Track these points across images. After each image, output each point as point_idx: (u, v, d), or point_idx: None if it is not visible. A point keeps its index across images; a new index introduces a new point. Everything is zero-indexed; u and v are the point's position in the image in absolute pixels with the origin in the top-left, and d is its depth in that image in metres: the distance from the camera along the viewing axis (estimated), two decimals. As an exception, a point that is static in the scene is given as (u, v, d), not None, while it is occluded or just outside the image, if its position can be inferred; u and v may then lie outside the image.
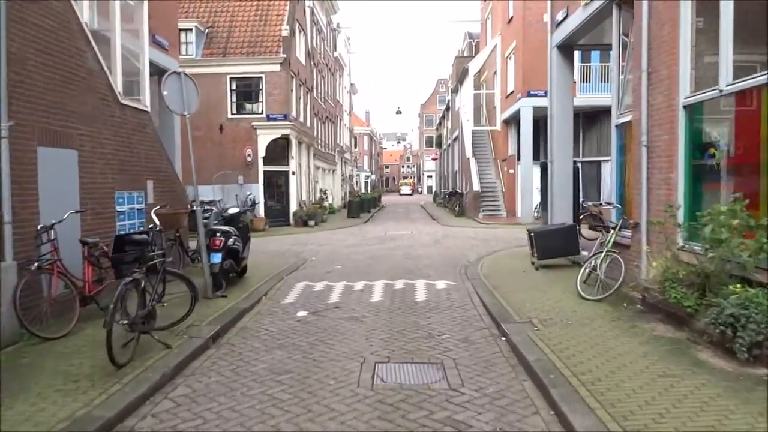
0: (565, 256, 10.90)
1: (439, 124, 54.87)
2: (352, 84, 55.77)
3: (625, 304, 7.32)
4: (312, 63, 30.30)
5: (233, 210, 10.56)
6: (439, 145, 53.78)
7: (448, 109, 43.73)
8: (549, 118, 13.30)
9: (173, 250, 10.36)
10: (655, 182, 7.51)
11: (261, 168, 23.88)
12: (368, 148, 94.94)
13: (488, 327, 7.16)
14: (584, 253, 10.87)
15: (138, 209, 9.34)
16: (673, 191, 7.13)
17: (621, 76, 9.41)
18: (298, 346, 6.46)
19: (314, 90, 31.62)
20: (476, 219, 26.26)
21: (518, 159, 26.60)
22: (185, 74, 8.56)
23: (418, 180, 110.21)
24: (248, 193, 16.96)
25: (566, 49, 12.73)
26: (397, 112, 42.04)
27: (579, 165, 13.78)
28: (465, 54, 39.76)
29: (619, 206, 8.50)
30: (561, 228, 10.96)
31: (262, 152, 23.79)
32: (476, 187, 27.21)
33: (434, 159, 60.82)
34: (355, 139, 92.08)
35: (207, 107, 23.75)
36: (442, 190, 46.71)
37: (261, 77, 23.85)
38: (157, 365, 5.53)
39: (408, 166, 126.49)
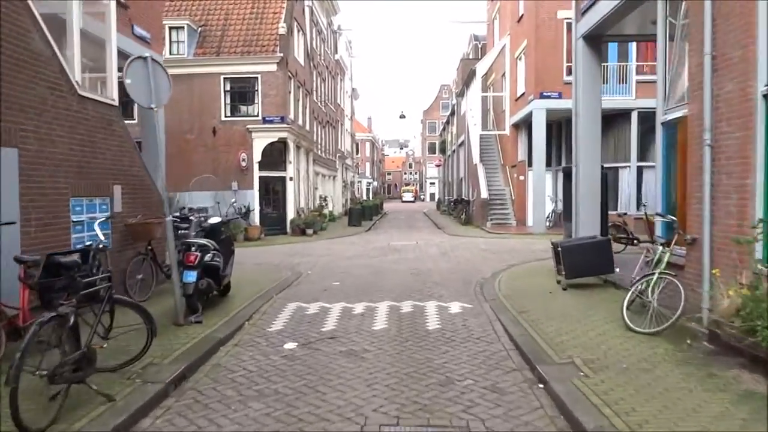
0: (597, 275, 9.49)
1: (443, 129, 53.59)
2: (353, 89, 54.54)
3: (688, 341, 5.91)
4: (311, 65, 29.03)
5: (214, 220, 9.17)
6: (443, 151, 52.48)
7: (453, 113, 42.45)
8: (574, 116, 11.94)
9: (144, 266, 8.98)
10: (723, 190, 6.12)
11: (257, 173, 22.54)
12: (370, 155, 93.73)
13: (519, 368, 5.75)
14: (617, 270, 9.48)
15: (101, 219, 7.96)
16: (748, 201, 5.74)
17: (667, 66, 8.03)
18: (280, 396, 5.07)
19: (314, 93, 30.35)
20: (484, 228, 24.89)
21: (529, 165, 25.26)
22: (153, 60, 7.21)
23: (421, 187, 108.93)
24: (232, 200, 15.58)
25: (594, 40, 11.37)
26: (400, 117, 40.65)
27: (605, 171, 12.30)
28: (471, 57, 38.51)
29: (674, 218, 7.10)
30: (592, 242, 9.55)
31: (257, 156, 22.47)
32: (484, 194, 25.84)
33: (438, 165, 59.48)
34: (357, 145, 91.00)
35: (200, 109, 22.48)
36: (447, 198, 45.37)
37: (257, 77, 22.55)
38: (91, 429, 4.14)
39: (410, 173, 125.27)
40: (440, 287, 10.46)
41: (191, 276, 7.53)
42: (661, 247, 7.02)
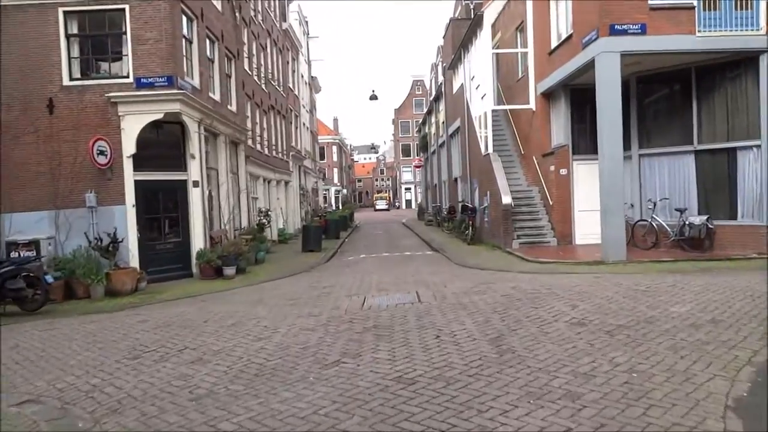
0: None
1: (423, 123, 44.59)
2: (313, 77, 45.24)
3: None
4: (237, 17, 19.59)
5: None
6: (423, 148, 43.42)
7: (437, 98, 33.47)
8: None
9: None
10: None
11: (129, 176, 13.04)
12: (338, 159, 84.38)
13: None
14: None
15: None
16: None
17: None
18: None
19: (245, 61, 20.95)
20: (509, 250, 15.86)
21: (575, 151, 16.46)
22: None
23: (395, 194, 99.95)
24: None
25: None
26: (371, 98, 31.27)
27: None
28: (463, 17, 29.57)
29: None
30: None
31: (129, 147, 12.99)
32: (506, 199, 16.76)
33: (418, 167, 50.38)
34: (322, 149, 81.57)
35: (23, 68, 12.97)
36: (432, 205, 36.29)
37: (123, 10, 13.08)
38: None
39: (382, 179, 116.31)
40: None
41: None
42: None
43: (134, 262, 12.94)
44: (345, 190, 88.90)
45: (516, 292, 9.36)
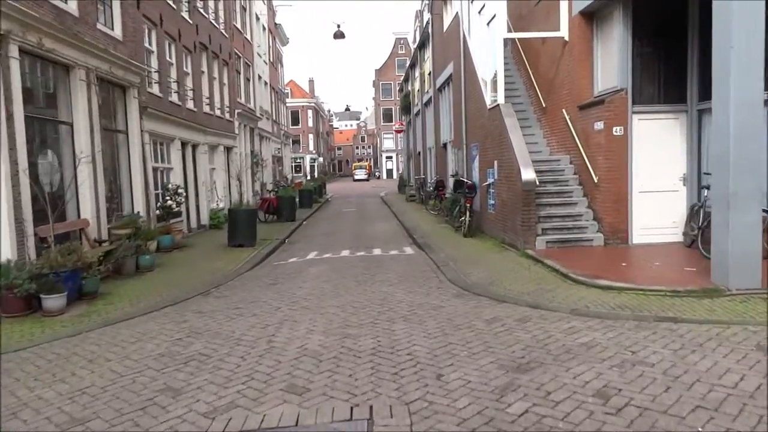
0: None
1: (405, 79, 38.15)
2: (277, 24, 38.39)
3: None
4: None
5: None
6: (405, 110, 37.15)
7: (422, 45, 27.11)
8: None
9: None
10: None
11: None
12: (314, 125, 77.59)
13: None
14: None
15: None
16: None
17: None
18: None
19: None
20: (531, 253, 10.07)
21: (637, 100, 10.65)
22: None
23: (375, 162, 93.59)
24: None
25: None
26: (335, 35, 24.55)
27: None
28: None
29: None
30: None
31: None
32: (528, 174, 10.83)
33: (399, 131, 44.03)
34: (296, 113, 74.67)
35: None
36: (415, 177, 30.32)
37: None
38: None
39: (363, 147, 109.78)
40: None
41: None
42: None
43: None
44: (321, 159, 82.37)
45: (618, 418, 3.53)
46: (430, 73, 24.47)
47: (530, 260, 10.02)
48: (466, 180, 15.16)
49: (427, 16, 25.00)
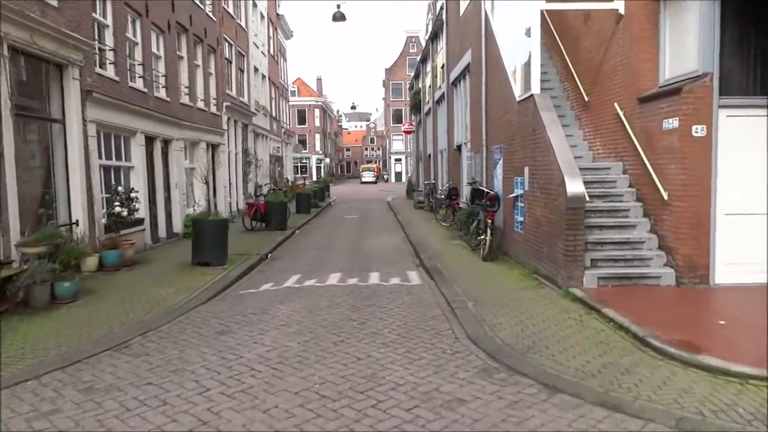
0: None
1: (415, 76, 35.35)
2: (279, 15, 35.83)
3: None
4: None
5: None
6: (415, 109, 34.38)
7: (434, 36, 24.37)
8: None
9: None
10: None
11: None
12: (321, 125, 75.11)
13: None
14: None
15: None
16: None
17: None
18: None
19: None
20: (578, 294, 7.33)
21: (722, 91, 7.80)
22: None
23: (384, 165, 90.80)
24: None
25: None
26: (335, 17, 21.98)
27: None
28: None
29: None
30: None
31: None
32: (573, 187, 8.10)
33: (408, 132, 41.22)
34: (302, 112, 72.24)
35: None
36: (424, 183, 27.58)
37: None
38: None
39: (372, 149, 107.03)
40: None
41: None
42: None
43: None
44: (328, 160, 79.85)
45: None
46: (443, 66, 21.74)
47: (580, 305, 7.28)
48: (486, 189, 12.41)
49: (440, 2, 22.28)
